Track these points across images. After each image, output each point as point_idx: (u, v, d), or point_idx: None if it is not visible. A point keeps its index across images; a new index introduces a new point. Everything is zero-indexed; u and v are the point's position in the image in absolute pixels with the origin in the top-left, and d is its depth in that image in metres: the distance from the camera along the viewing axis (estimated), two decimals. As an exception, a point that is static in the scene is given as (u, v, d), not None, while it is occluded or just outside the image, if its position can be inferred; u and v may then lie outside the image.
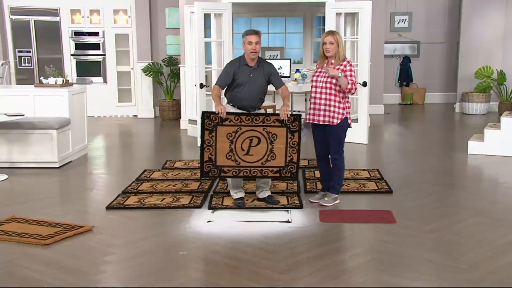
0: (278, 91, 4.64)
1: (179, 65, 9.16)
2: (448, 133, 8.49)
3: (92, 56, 9.97)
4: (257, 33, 4.50)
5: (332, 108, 4.49)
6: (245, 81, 4.50)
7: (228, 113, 4.41)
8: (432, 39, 11.25)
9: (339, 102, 4.51)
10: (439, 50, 11.33)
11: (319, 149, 4.70)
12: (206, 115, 4.42)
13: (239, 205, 4.62)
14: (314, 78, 4.60)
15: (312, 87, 4.61)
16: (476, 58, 10.08)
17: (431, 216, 4.39)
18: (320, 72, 4.57)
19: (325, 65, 4.55)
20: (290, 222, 4.27)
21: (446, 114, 10.23)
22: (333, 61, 4.52)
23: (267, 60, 4.75)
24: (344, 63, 4.51)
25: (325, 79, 4.51)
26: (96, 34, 9.89)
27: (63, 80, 6.57)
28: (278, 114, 4.42)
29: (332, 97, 4.50)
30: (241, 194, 4.71)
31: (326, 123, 4.53)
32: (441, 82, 11.46)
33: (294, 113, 4.55)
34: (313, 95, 4.58)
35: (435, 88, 11.44)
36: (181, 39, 8.59)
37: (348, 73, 4.48)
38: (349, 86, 4.46)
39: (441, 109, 10.77)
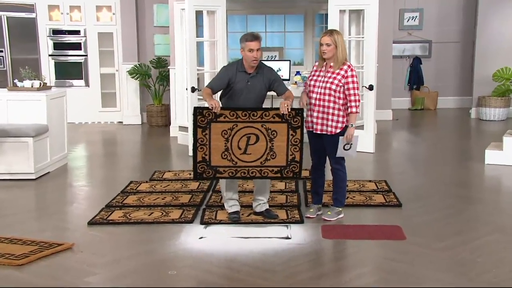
0: (282, 96, 4.63)
1: (168, 67, 9.19)
2: (463, 141, 8.53)
3: (73, 56, 10.00)
4: (257, 38, 4.49)
5: (330, 117, 4.51)
6: (242, 89, 4.51)
7: (222, 108, 4.42)
8: (445, 38, 11.31)
9: (339, 109, 4.51)
10: (452, 50, 11.38)
11: (315, 158, 4.72)
12: (198, 111, 4.42)
13: (234, 219, 4.63)
14: (312, 83, 4.58)
15: (309, 92, 4.59)
16: (494, 58, 10.12)
17: (445, 232, 4.40)
18: (318, 75, 4.58)
19: (324, 67, 4.57)
20: (289, 238, 4.28)
21: (461, 120, 10.27)
22: (332, 64, 4.54)
23: (263, 61, 4.75)
24: (345, 67, 4.50)
25: (323, 84, 4.51)
26: (77, 32, 9.93)
27: (40, 83, 6.59)
28: (278, 109, 4.42)
29: (331, 105, 4.50)
30: (236, 208, 4.72)
31: (324, 133, 4.55)
32: (455, 85, 11.51)
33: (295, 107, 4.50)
34: (310, 101, 4.58)
35: (449, 92, 11.49)
36: (171, 38, 8.63)
37: (350, 85, 4.48)
38: (355, 110, 4.50)
39: (455, 114, 10.82)
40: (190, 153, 6.88)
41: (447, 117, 10.58)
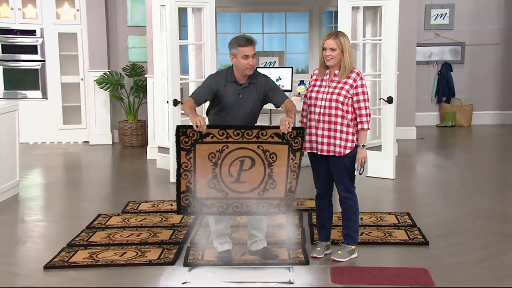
0: (281, 107, 4.69)
1: (145, 75, 9.27)
2: (504, 165, 8.54)
3: (26, 62, 10.05)
4: (252, 42, 4.55)
5: (338, 135, 4.57)
6: (232, 103, 4.58)
7: (210, 126, 4.47)
8: (481, 39, 11.35)
9: (348, 125, 4.58)
10: (491, 54, 11.41)
11: (320, 186, 4.78)
12: (182, 131, 4.46)
13: (225, 260, 4.66)
14: (313, 95, 4.64)
15: (310, 105, 4.66)
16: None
17: (483, 278, 4.42)
18: (320, 85, 4.65)
19: (327, 76, 4.65)
20: (292, 283, 4.32)
21: (502, 139, 10.33)
22: (337, 72, 4.62)
23: (259, 68, 4.80)
24: (353, 75, 4.58)
25: (328, 96, 4.58)
26: (31, 32, 9.98)
27: (-14, 95, 6.65)
28: (277, 127, 4.46)
29: (339, 120, 4.57)
30: (227, 246, 4.76)
31: (331, 154, 4.61)
32: (494, 97, 11.54)
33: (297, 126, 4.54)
34: (312, 116, 4.65)
35: (486, 105, 11.51)
36: (148, 41, 8.71)
37: (361, 97, 4.55)
38: (366, 126, 4.58)
39: (495, 132, 10.87)
40: (172, 179, 6.94)
41: (484, 136, 10.62)
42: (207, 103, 4.81)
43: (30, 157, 8.91)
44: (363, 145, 4.61)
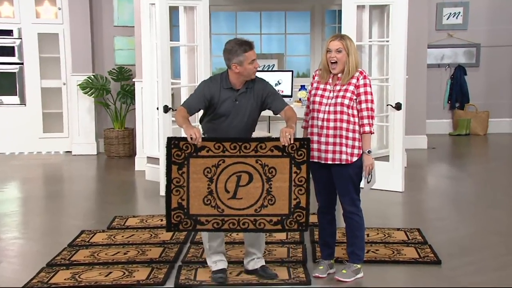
0: (280, 114, 4.72)
1: (133, 80, 9.29)
2: (522, 177, 8.61)
3: (3, 65, 10.05)
4: (252, 44, 4.60)
5: (344, 141, 4.59)
6: (229, 110, 4.61)
7: (205, 139, 4.50)
8: (497, 40, 11.37)
9: (353, 131, 4.61)
10: (508, 57, 11.44)
11: (322, 199, 4.80)
12: (173, 143, 4.49)
13: (220, 280, 4.67)
14: (317, 99, 4.67)
15: (312, 110, 4.69)
16: None
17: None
18: (324, 89, 4.69)
19: (330, 80, 4.68)
20: (293, 305, 4.35)
21: (520, 149, 10.39)
22: (340, 75, 4.65)
23: (257, 72, 4.81)
24: (356, 74, 4.61)
25: (332, 101, 4.61)
26: (8, 32, 9.99)
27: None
28: (277, 139, 4.49)
29: (344, 125, 4.60)
30: (222, 265, 4.77)
31: (336, 162, 4.64)
32: (512, 103, 11.64)
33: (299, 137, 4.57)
34: (315, 122, 4.68)
35: (503, 112, 11.53)
36: (136, 42, 8.75)
37: (363, 97, 4.58)
38: (368, 129, 4.60)
39: (512, 141, 10.94)
40: (162, 192, 6.95)
41: (501, 145, 10.64)
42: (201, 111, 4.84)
43: (7, 168, 8.92)
44: (369, 151, 4.64)
